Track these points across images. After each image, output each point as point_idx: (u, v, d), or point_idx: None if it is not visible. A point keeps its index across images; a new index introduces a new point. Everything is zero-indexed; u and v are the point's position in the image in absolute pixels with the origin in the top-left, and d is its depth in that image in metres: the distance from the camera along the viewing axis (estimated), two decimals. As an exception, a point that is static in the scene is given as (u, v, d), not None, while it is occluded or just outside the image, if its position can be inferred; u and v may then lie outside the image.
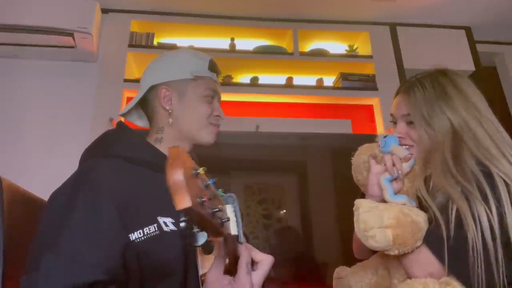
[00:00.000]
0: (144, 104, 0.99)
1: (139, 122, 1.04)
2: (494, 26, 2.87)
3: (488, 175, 0.80)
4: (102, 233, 0.73)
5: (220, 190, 0.59)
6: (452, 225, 0.77)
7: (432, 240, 0.80)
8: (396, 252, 0.79)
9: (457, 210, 0.78)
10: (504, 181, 0.79)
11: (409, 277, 0.83)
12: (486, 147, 0.85)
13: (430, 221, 0.83)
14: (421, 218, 0.82)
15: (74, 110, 2.37)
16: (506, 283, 0.73)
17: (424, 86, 0.95)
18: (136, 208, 0.80)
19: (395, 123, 1.01)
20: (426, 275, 0.78)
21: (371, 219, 0.78)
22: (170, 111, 0.93)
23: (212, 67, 0.99)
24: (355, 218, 0.81)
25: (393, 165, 0.91)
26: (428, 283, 0.76)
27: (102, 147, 0.90)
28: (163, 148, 0.93)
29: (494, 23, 2.84)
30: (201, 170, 0.50)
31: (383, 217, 0.79)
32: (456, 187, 0.80)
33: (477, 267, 0.73)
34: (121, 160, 0.85)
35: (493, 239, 0.74)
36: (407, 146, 0.96)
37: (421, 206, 0.86)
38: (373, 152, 0.98)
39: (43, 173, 2.06)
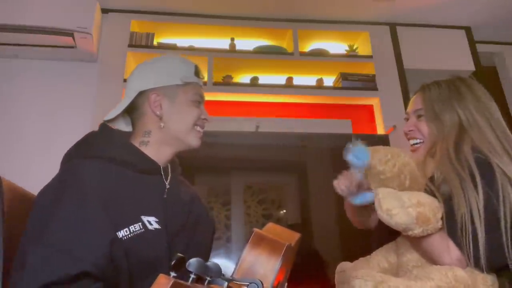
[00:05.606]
0: (130, 109, 0.99)
1: (123, 126, 1.04)
2: (494, 26, 2.87)
3: (483, 162, 0.86)
4: (88, 227, 0.75)
5: None
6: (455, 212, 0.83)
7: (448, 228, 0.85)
8: (420, 230, 0.82)
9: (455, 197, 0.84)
10: (504, 172, 0.84)
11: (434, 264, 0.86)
12: (490, 141, 0.90)
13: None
14: (437, 201, 0.86)
15: (74, 110, 2.37)
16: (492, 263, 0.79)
17: (440, 86, 1.03)
18: (121, 207, 0.82)
19: (407, 119, 1.09)
20: (455, 262, 0.82)
21: (392, 201, 0.83)
22: (160, 116, 0.95)
23: (198, 73, 1.02)
24: (376, 204, 0.85)
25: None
26: (455, 269, 0.79)
27: (86, 148, 0.92)
28: (148, 151, 0.95)
29: (494, 23, 2.84)
30: None
31: (403, 199, 0.83)
32: (454, 174, 0.86)
33: (468, 248, 0.80)
34: (104, 160, 0.87)
35: (479, 222, 0.80)
36: (417, 140, 1.04)
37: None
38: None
39: (43, 173, 2.05)
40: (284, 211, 2.24)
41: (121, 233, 0.79)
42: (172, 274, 0.43)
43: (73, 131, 2.31)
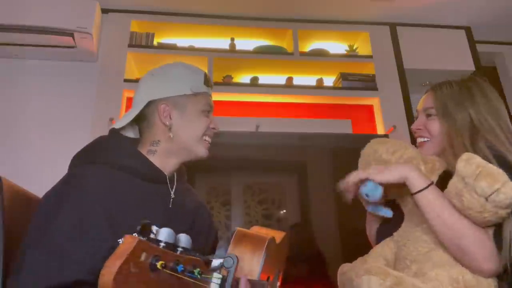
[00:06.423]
0: (139, 118, 0.99)
1: (131, 135, 1.03)
2: (494, 26, 2.87)
3: (500, 157, 0.87)
4: (88, 234, 0.74)
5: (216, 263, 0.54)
6: None
7: None
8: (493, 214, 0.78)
9: None
10: None
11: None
12: (503, 141, 0.93)
13: None
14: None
15: (74, 110, 2.37)
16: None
17: (452, 86, 1.04)
18: (125, 214, 0.81)
19: (417, 117, 1.10)
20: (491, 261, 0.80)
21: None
22: (169, 126, 0.95)
23: (207, 82, 1.01)
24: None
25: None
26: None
27: (94, 153, 0.91)
28: (155, 159, 0.95)
29: (494, 23, 2.84)
30: (159, 264, 0.43)
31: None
32: None
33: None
34: (111, 167, 0.87)
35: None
36: (424, 139, 1.05)
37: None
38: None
39: (43, 173, 2.06)
40: (284, 211, 2.24)
41: None
42: (140, 238, 0.43)
43: (72, 131, 2.31)
